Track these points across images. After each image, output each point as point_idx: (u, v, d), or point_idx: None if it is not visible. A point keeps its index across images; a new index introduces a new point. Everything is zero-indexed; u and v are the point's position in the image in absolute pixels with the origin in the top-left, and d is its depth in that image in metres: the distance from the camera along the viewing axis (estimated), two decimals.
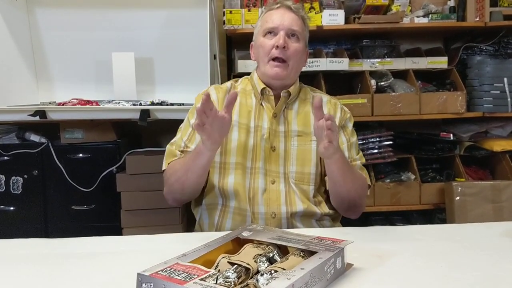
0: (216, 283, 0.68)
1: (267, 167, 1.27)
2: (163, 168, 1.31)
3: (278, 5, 1.31)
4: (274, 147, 1.29)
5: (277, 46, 1.25)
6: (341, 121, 1.35)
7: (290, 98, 1.32)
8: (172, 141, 1.34)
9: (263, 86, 1.31)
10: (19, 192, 2.19)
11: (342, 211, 1.29)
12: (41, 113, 2.00)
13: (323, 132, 1.05)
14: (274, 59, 1.26)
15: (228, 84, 1.40)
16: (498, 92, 2.31)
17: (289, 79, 1.31)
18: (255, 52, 1.35)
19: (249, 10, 2.28)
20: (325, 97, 1.39)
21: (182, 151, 1.29)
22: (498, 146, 2.33)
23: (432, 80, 2.50)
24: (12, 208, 2.20)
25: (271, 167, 1.27)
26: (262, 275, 0.70)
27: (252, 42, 1.38)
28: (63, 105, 2.10)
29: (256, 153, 1.27)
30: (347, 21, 2.32)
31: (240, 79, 1.42)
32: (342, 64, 2.31)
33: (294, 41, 1.28)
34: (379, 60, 2.41)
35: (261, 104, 1.32)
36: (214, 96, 1.33)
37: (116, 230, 2.11)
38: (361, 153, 1.36)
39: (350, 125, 1.38)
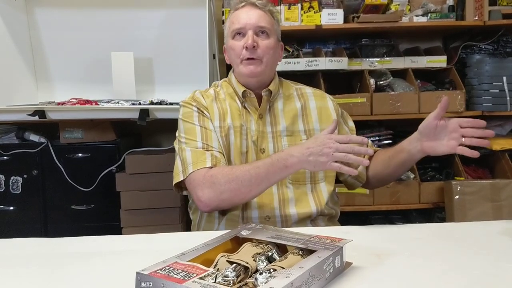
0: (215, 282, 0.68)
1: None
2: (191, 171, 1.17)
3: (243, 3, 1.27)
4: (263, 149, 1.26)
5: (247, 47, 1.22)
6: (337, 110, 1.35)
7: (272, 96, 1.30)
8: (182, 144, 1.24)
9: (244, 88, 1.28)
10: (18, 192, 2.20)
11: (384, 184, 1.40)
12: (41, 113, 2.00)
13: (452, 134, 1.09)
14: (246, 59, 1.24)
15: (211, 91, 1.34)
16: (497, 91, 2.32)
17: (265, 75, 1.28)
18: (228, 55, 1.32)
19: None
20: (309, 89, 1.38)
21: (208, 150, 1.20)
22: (497, 145, 2.33)
23: (431, 79, 2.50)
24: (11, 208, 2.20)
25: None
26: (261, 273, 0.70)
27: (224, 45, 1.35)
28: (62, 104, 2.10)
29: (248, 157, 1.25)
30: (346, 20, 2.32)
31: (219, 83, 1.38)
32: (341, 63, 2.31)
33: (264, 38, 1.25)
34: (378, 59, 2.41)
35: (244, 107, 1.29)
36: (204, 102, 1.29)
37: (115, 229, 2.12)
38: None
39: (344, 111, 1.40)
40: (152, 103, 2.09)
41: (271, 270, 0.71)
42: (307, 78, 2.44)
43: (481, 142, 1.06)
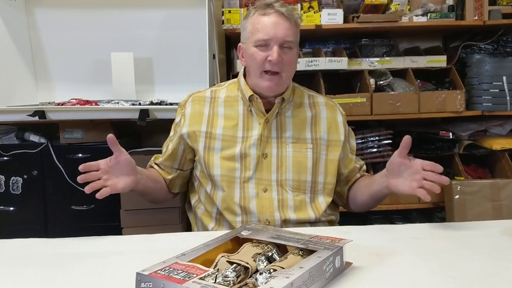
0: (215, 282, 0.68)
1: (258, 175, 1.24)
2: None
3: (271, 10, 1.20)
4: (266, 154, 1.25)
5: (270, 60, 1.19)
6: (345, 127, 1.34)
7: (283, 103, 1.27)
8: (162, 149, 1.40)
9: (251, 93, 1.25)
10: (18, 193, 2.19)
11: (360, 211, 1.40)
12: (41, 113, 2.00)
13: (415, 175, 1.09)
14: (267, 71, 1.21)
15: (208, 92, 1.33)
16: (497, 90, 2.31)
17: (283, 88, 1.26)
18: (246, 60, 1.27)
19: (248, 10, 2.28)
20: (321, 99, 1.36)
21: (157, 164, 1.38)
22: (497, 144, 2.33)
23: (431, 79, 2.50)
24: (12, 209, 2.20)
25: (262, 175, 1.24)
26: (261, 274, 0.70)
27: (240, 44, 1.30)
28: (62, 105, 2.10)
29: (245, 163, 1.24)
30: (346, 20, 2.32)
31: (226, 84, 1.36)
32: (341, 63, 2.31)
33: (287, 52, 1.21)
34: (378, 59, 2.41)
35: (250, 110, 1.27)
36: (188, 110, 1.30)
37: (116, 230, 2.11)
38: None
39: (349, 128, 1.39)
40: (152, 103, 2.09)
41: (271, 270, 0.71)
42: (307, 78, 2.44)
43: (435, 187, 1.06)
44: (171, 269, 0.70)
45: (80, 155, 2.21)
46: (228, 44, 2.58)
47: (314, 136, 1.29)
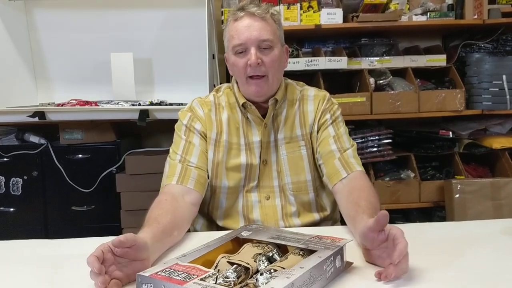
0: (215, 283, 0.68)
1: (260, 183, 1.22)
2: (165, 183, 1.17)
3: (242, 13, 1.16)
4: (266, 161, 1.22)
5: (250, 65, 1.14)
6: (316, 113, 1.26)
7: (278, 104, 1.23)
8: (169, 156, 1.25)
9: (244, 100, 1.21)
10: (19, 193, 2.20)
11: None
12: (40, 114, 2.01)
13: (391, 252, 0.79)
14: (251, 76, 1.17)
15: (211, 97, 1.28)
16: (497, 89, 2.31)
17: (272, 90, 1.21)
18: (230, 68, 1.23)
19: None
20: (312, 91, 1.30)
21: (182, 164, 1.18)
22: (497, 143, 2.33)
23: (431, 78, 2.50)
24: (12, 209, 2.20)
25: (264, 182, 1.22)
26: (261, 274, 0.70)
27: (225, 54, 1.25)
28: (62, 106, 2.11)
29: (250, 173, 1.21)
30: (345, 19, 2.32)
31: (222, 88, 1.31)
32: (340, 62, 2.31)
33: (267, 52, 1.16)
34: (378, 58, 2.40)
35: (247, 118, 1.23)
36: (201, 112, 1.25)
37: (116, 230, 2.12)
38: (350, 138, 1.26)
39: (340, 116, 1.28)
40: (151, 103, 2.10)
41: (272, 271, 0.71)
42: (306, 77, 2.44)
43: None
44: (172, 270, 0.70)
45: (80, 155, 2.22)
46: None
47: (304, 131, 1.24)
